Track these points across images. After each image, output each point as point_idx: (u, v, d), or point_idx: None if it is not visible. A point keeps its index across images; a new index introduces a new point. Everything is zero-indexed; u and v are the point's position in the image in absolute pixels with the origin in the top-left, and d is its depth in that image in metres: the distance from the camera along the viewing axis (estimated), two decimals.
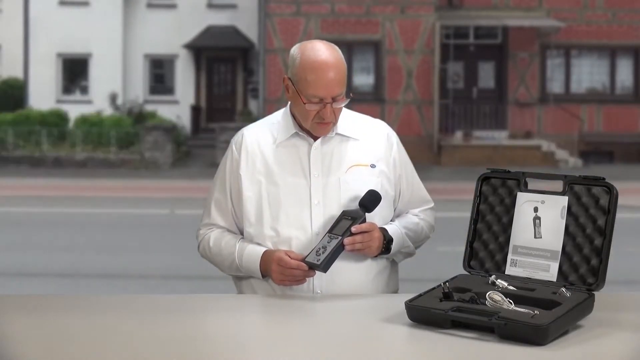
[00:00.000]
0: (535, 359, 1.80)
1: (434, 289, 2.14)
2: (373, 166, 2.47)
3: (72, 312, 2.21)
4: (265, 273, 2.41)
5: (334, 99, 2.36)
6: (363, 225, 2.33)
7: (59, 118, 21.92)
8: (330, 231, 2.34)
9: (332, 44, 2.42)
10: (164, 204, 13.41)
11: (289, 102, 2.51)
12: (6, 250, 9.06)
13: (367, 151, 2.49)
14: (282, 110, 2.55)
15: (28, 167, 19.91)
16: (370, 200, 2.37)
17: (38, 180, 17.38)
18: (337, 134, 2.48)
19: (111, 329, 2.03)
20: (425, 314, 2.00)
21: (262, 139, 2.50)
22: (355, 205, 2.39)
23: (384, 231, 2.42)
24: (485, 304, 1.99)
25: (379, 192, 2.42)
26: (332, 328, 2.09)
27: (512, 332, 1.87)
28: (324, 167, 2.45)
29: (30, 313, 2.18)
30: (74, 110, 22.44)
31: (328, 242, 2.31)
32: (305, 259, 2.31)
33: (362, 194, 2.39)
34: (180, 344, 1.90)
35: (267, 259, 2.39)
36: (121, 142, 20.67)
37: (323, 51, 2.37)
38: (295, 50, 2.42)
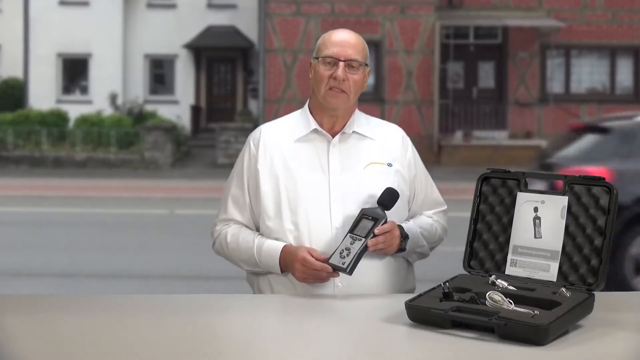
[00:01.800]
0: (535, 359, 1.80)
1: (434, 289, 2.14)
2: (390, 165, 2.50)
3: (72, 312, 2.21)
4: (284, 268, 2.43)
5: (348, 63, 2.44)
6: (385, 226, 2.36)
7: (59, 118, 21.92)
8: (351, 231, 2.34)
9: None
10: (164, 204, 13.42)
11: (308, 100, 2.57)
12: (6, 250, 9.06)
13: (384, 151, 2.53)
14: (300, 110, 2.60)
15: (28, 167, 19.91)
16: (389, 198, 2.39)
17: (38, 180, 17.38)
18: (354, 132, 2.52)
19: (111, 329, 2.03)
20: (425, 314, 2.00)
21: (280, 135, 2.54)
22: (373, 202, 2.40)
23: (400, 228, 2.44)
24: (485, 304, 1.99)
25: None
26: (331, 328, 2.09)
27: (512, 332, 1.87)
28: (343, 164, 2.48)
29: (30, 313, 2.18)
30: (74, 110, 22.44)
31: (351, 244, 2.31)
32: (330, 261, 2.32)
33: (380, 191, 2.41)
34: (179, 344, 1.90)
35: (288, 255, 2.40)
36: (121, 142, 20.67)
37: (344, 30, 2.52)
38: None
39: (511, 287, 2.11)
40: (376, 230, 2.33)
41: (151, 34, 25.17)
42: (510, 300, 1.98)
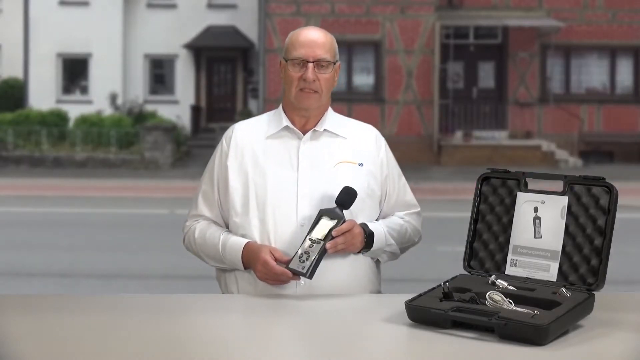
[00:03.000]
0: (535, 359, 1.80)
1: (434, 289, 2.13)
2: (360, 165, 2.50)
3: (72, 312, 2.21)
4: (247, 265, 2.43)
5: (317, 63, 2.43)
6: (343, 226, 2.34)
7: (59, 118, 21.92)
8: (309, 233, 2.33)
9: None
10: (164, 204, 13.40)
11: (282, 100, 2.58)
12: (6, 250, 9.05)
13: (356, 150, 2.52)
14: (275, 109, 2.61)
15: (28, 167, 19.90)
16: (347, 198, 2.37)
17: (38, 180, 17.38)
18: (325, 130, 2.52)
19: (110, 329, 2.03)
20: (425, 314, 2.00)
21: (252, 132, 2.56)
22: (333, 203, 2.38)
23: (364, 226, 2.43)
24: (485, 304, 1.99)
25: (366, 190, 2.46)
26: (332, 328, 2.09)
27: (512, 332, 1.87)
28: (313, 161, 2.48)
29: (30, 313, 2.18)
30: (74, 110, 22.44)
31: (310, 247, 2.31)
32: (289, 266, 2.31)
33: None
34: (179, 344, 1.90)
35: (251, 253, 2.41)
36: (121, 142, 20.67)
37: (311, 28, 2.52)
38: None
39: (511, 287, 2.11)
40: (334, 232, 2.32)
41: (151, 34, 25.17)
42: (510, 300, 1.98)
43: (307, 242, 2.32)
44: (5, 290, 6.87)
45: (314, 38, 2.46)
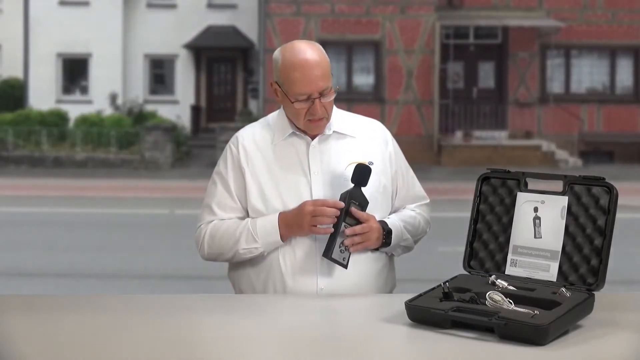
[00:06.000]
0: (535, 359, 1.80)
1: (434, 289, 2.13)
2: (371, 163, 2.48)
3: (72, 312, 2.21)
4: (286, 230, 2.39)
5: (321, 94, 2.39)
6: (358, 227, 2.35)
7: (59, 118, 21.92)
8: (345, 220, 2.34)
9: (313, 42, 2.45)
10: (164, 204, 13.40)
11: (285, 110, 2.53)
12: (6, 250, 9.06)
13: (364, 149, 2.51)
14: (276, 112, 2.57)
15: (28, 167, 19.91)
16: (362, 176, 2.37)
17: (38, 180, 17.39)
18: (334, 131, 2.50)
19: (111, 329, 2.03)
20: (425, 314, 2.00)
21: (259, 138, 2.52)
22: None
23: (382, 223, 2.44)
24: (485, 304, 1.99)
25: (378, 188, 2.46)
26: (331, 328, 2.09)
27: (512, 332, 1.87)
28: (323, 165, 2.46)
29: (30, 313, 2.18)
30: (74, 110, 22.44)
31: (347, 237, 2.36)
32: (332, 256, 2.32)
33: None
34: (180, 344, 1.90)
35: (291, 213, 2.38)
36: (121, 142, 20.67)
37: (303, 49, 2.40)
38: (277, 53, 2.45)
39: (511, 287, 2.11)
40: (347, 231, 2.34)
41: (151, 34, 25.17)
42: (510, 300, 1.98)
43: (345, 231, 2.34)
44: (5, 290, 6.87)
45: (312, 68, 2.36)
